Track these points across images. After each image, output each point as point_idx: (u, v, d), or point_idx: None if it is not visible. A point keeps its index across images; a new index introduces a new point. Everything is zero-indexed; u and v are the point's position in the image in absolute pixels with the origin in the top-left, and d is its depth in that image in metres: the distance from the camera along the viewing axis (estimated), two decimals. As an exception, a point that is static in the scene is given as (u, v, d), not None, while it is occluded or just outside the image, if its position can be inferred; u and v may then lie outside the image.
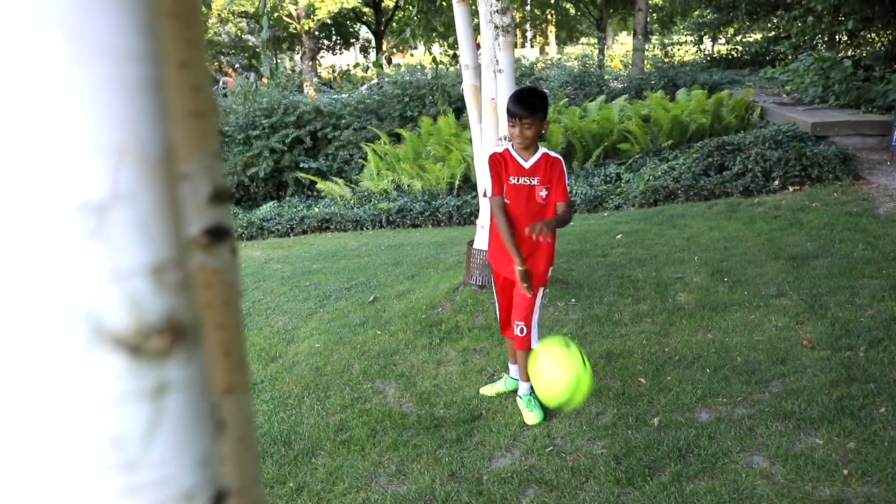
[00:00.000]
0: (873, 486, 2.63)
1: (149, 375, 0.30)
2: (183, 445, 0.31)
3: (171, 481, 0.31)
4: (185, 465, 0.31)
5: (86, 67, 0.28)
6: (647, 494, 2.71)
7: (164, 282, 0.31)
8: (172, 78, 0.47)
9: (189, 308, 0.32)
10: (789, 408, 3.22)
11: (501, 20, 4.89)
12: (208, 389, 0.33)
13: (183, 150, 0.48)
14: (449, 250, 6.71)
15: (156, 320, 0.31)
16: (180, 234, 0.33)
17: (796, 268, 5.05)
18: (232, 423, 0.50)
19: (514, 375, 3.68)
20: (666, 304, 4.65)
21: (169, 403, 0.31)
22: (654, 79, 13.63)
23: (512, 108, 3.15)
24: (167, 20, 0.45)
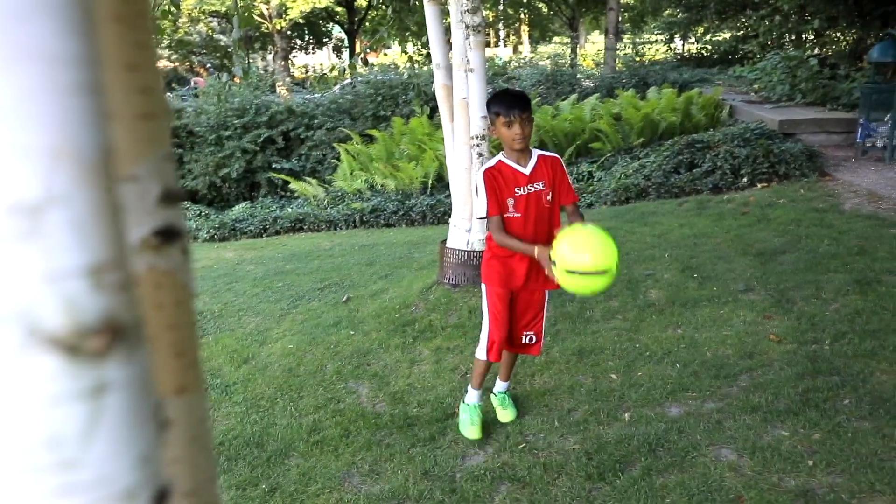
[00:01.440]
0: (837, 476, 2.68)
1: (87, 375, 0.31)
2: (123, 444, 0.32)
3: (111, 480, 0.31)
4: (124, 464, 0.32)
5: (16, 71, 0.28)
6: (618, 489, 2.74)
7: (103, 283, 0.31)
8: (119, 81, 0.47)
9: (129, 308, 0.33)
10: (757, 401, 3.28)
11: (472, 19, 4.90)
12: (150, 389, 0.34)
13: (131, 153, 0.48)
14: (423, 249, 6.72)
15: (93, 321, 0.31)
16: (120, 235, 0.34)
17: (764, 263, 5.13)
18: (184, 423, 0.50)
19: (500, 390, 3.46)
20: (637, 301, 4.69)
21: (108, 403, 0.31)
22: (626, 78, 13.75)
23: (506, 108, 2.89)
24: (112, 23, 0.45)
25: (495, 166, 2.99)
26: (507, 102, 2.92)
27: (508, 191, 2.96)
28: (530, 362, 3.91)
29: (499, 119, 2.93)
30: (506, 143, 2.97)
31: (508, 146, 2.97)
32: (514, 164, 2.98)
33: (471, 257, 5.12)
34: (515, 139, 2.91)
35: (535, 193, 2.97)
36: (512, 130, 2.90)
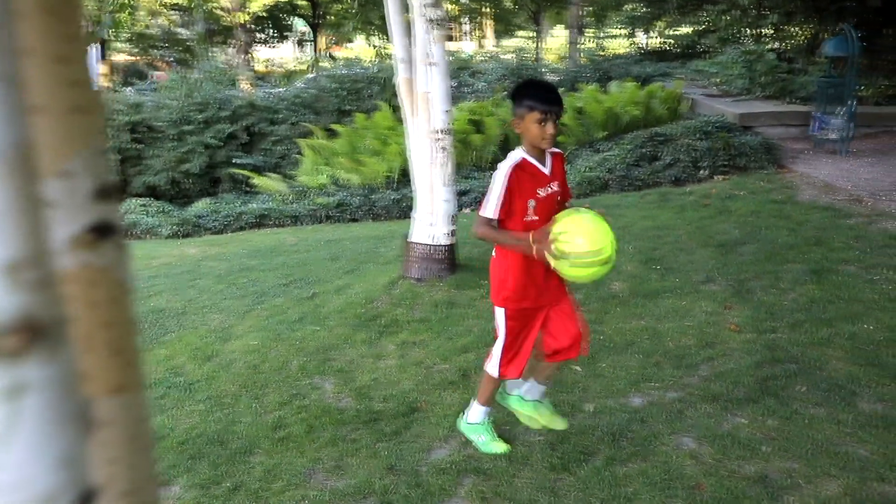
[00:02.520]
0: (793, 461, 2.74)
1: (4, 376, 0.30)
2: (43, 446, 0.31)
3: (31, 483, 0.30)
4: (45, 467, 0.31)
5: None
6: (582, 479, 2.76)
7: (19, 281, 0.31)
8: (47, 73, 0.46)
9: (50, 307, 0.32)
10: (717, 390, 3.33)
11: (434, 13, 4.89)
12: (74, 389, 0.33)
13: (62, 147, 0.47)
14: (388, 244, 6.70)
15: (9, 320, 0.30)
16: (40, 232, 0.33)
17: (724, 254, 5.22)
18: (122, 422, 0.49)
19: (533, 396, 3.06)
20: (600, 293, 4.74)
21: (27, 404, 0.31)
22: (589, 72, 13.85)
23: (543, 104, 2.63)
24: (40, 14, 0.44)
25: (520, 163, 2.70)
26: (544, 97, 2.66)
27: (531, 192, 2.69)
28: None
29: (531, 114, 2.65)
30: (531, 139, 2.69)
31: (534, 143, 2.70)
32: (536, 162, 2.73)
33: (435, 251, 5.13)
34: (546, 138, 2.66)
35: (552, 194, 2.76)
36: (544, 128, 2.64)
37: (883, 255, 4.95)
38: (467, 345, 4.10)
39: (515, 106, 2.73)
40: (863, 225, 5.69)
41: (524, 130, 2.70)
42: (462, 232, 6.33)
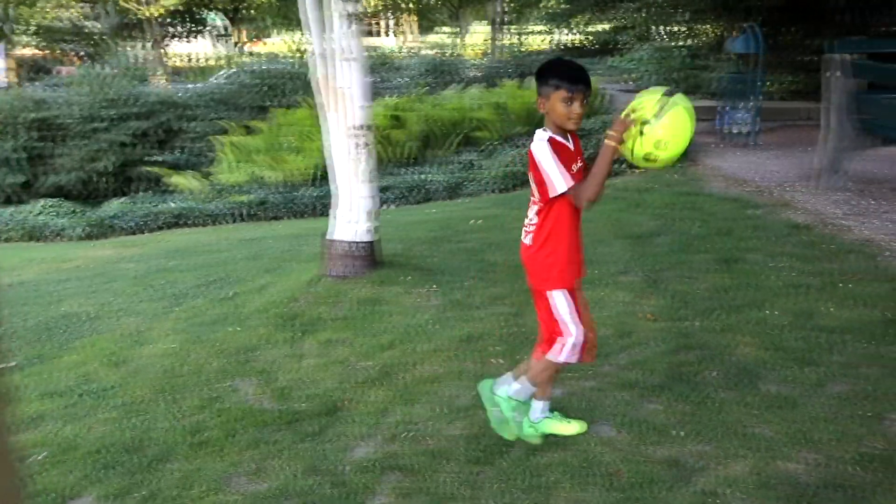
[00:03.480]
0: (705, 444, 2.85)
1: None
2: None
3: None
4: None
5: None
6: (503, 470, 2.80)
7: None
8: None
9: None
10: (632, 378, 3.43)
11: (350, 8, 4.85)
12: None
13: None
14: (310, 242, 6.61)
15: None
16: None
17: (639, 246, 5.37)
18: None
19: None
20: (521, 286, 4.77)
21: None
22: (509, 67, 14.00)
23: (571, 83, 2.58)
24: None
25: (551, 140, 2.64)
26: (571, 76, 2.61)
27: (568, 167, 2.63)
28: (419, 351, 3.93)
29: (557, 93, 2.59)
30: (558, 119, 2.63)
31: (560, 124, 2.64)
32: (563, 140, 2.68)
33: (358, 248, 5.09)
34: (572, 118, 2.62)
35: (580, 170, 2.71)
36: (571, 108, 2.59)
37: (786, 244, 5.19)
38: (391, 341, 4.10)
39: (541, 85, 2.67)
40: (768, 215, 5.96)
41: (550, 110, 2.65)
42: (386, 228, 6.31)
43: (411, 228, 6.75)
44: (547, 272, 2.78)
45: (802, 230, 5.53)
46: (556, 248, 2.75)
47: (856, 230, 5.40)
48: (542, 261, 2.78)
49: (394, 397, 3.47)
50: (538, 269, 2.81)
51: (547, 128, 2.70)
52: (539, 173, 2.66)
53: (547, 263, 2.77)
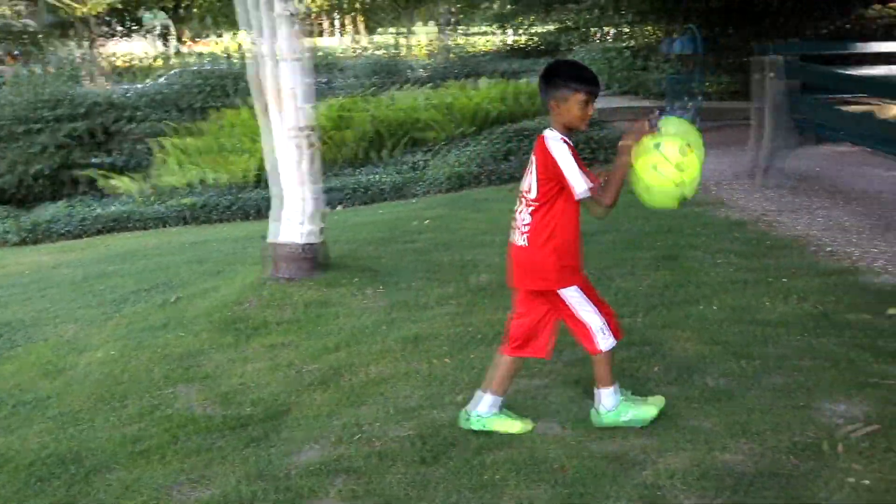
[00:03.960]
0: (647, 438, 2.90)
1: None
2: None
3: None
4: None
5: None
6: (451, 470, 2.81)
7: None
8: None
9: None
10: (579, 374, 3.47)
11: (291, 7, 4.81)
12: None
13: None
14: (257, 244, 6.50)
15: None
16: None
17: (585, 244, 5.32)
18: None
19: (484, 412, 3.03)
20: (469, 286, 4.83)
21: None
22: (457, 68, 14.05)
23: (590, 87, 2.66)
24: None
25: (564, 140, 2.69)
26: (590, 79, 2.69)
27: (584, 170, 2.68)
28: (367, 353, 3.92)
29: (576, 95, 2.64)
30: (572, 121, 2.70)
31: (573, 126, 2.71)
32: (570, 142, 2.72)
33: (305, 250, 5.05)
34: (585, 120, 2.70)
35: None
36: (586, 110, 2.67)
37: (726, 240, 5.33)
38: (338, 343, 4.08)
39: (555, 87, 2.68)
40: (708, 213, 6.11)
41: (564, 111, 2.67)
42: (333, 229, 6.28)
43: (358, 229, 6.73)
44: (557, 272, 2.81)
45: (741, 227, 5.69)
46: (563, 247, 2.78)
47: (790, 226, 5.57)
48: (547, 261, 2.79)
49: (341, 400, 3.45)
50: (540, 268, 2.82)
51: (554, 128, 2.72)
52: (547, 173, 2.68)
53: (554, 263, 2.79)
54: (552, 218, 2.76)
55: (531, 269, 2.86)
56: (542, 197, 2.74)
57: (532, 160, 2.79)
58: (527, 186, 2.82)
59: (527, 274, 2.88)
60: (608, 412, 2.98)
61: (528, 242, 2.82)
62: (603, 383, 2.97)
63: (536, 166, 2.74)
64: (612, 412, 2.97)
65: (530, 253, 2.83)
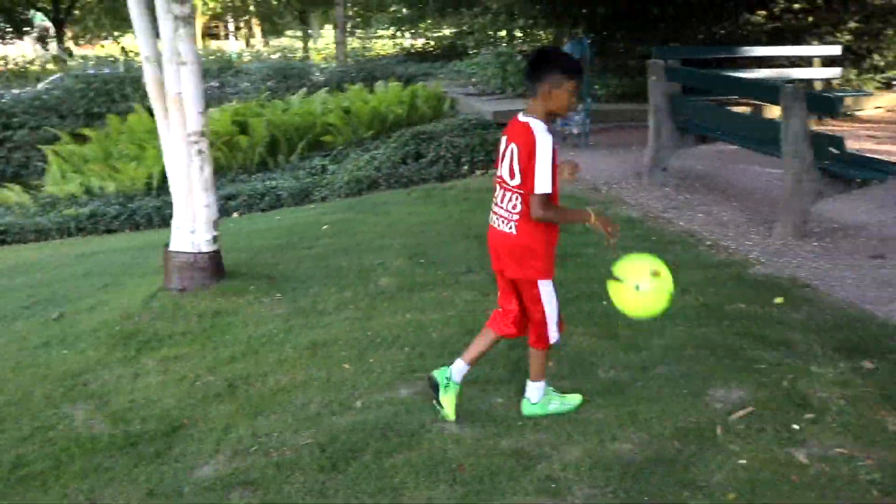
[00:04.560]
0: (542, 432, 2.98)
1: None
2: None
3: None
4: None
5: None
6: (350, 476, 2.80)
7: None
8: None
9: None
10: (476, 374, 3.51)
11: (181, 10, 4.67)
12: None
13: None
14: (148, 255, 6.30)
15: None
16: None
17: (482, 245, 5.47)
18: None
19: None
20: (369, 290, 4.82)
21: None
22: (354, 72, 13.97)
23: (579, 75, 2.75)
24: None
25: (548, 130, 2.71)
26: (581, 70, 2.78)
27: (556, 159, 2.73)
28: (264, 362, 3.85)
29: (569, 83, 2.70)
30: (558, 108, 2.75)
31: (560, 112, 2.78)
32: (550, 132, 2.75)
33: (198, 260, 4.91)
34: (570, 106, 2.77)
35: None
36: (573, 97, 2.75)
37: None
38: (234, 354, 3.98)
39: (548, 74, 2.70)
40: (600, 210, 6.29)
41: (555, 98, 2.71)
42: (231, 237, 6.13)
43: (257, 236, 6.59)
44: (538, 262, 2.86)
45: (630, 224, 5.91)
46: (547, 238, 2.85)
47: (675, 222, 5.84)
48: (532, 250, 2.84)
49: (238, 411, 3.38)
50: (527, 258, 2.86)
51: (537, 117, 2.73)
52: (531, 163, 2.67)
53: (538, 253, 2.85)
54: None
55: (520, 257, 2.87)
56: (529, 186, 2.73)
57: (512, 147, 2.76)
58: (508, 174, 2.81)
59: (515, 262, 2.89)
60: (534, 404, 3.12)
61: (516, 230, 2.84)
62: (536, 377, 3.11)
63: (519, 154, 2.72)
64: (539, 404, 3.12)
65: (515, 240, 2.85)
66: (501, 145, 2.85)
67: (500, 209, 2.88)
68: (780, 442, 2.78)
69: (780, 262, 4.75)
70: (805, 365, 3.34)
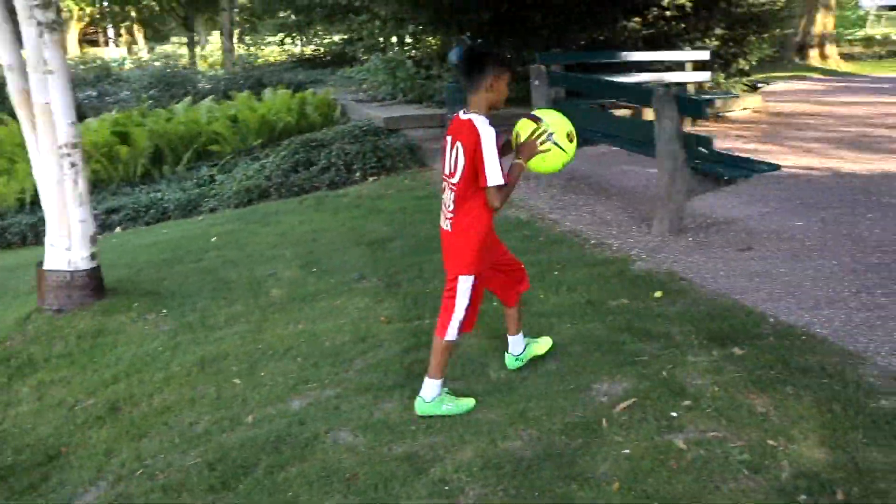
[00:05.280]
0: (435, 435, 3.01)
1: None
2: None
3: None
4: None
5: None
6: (242, 493, 2.74)
7: None
8: None
9: None
10: (370, 381, 3.52)
11: (45, 15, 4.44)
12: None
13: None
14: (21, 275, 5.94)
15: None
16: None
17: (375, 251, 5.53)
18: None
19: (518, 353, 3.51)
20: (260, 302, 4.73)
21: None
22: (242, 79, 13.67)
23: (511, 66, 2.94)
24: None
25: None
26: (511, 62, 2.97)
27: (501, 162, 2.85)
28: (149, 381, 3.71)
29: (505, 76, 2.87)
30: (496, 101, 2.89)
31: (497, 104, 2.90)
32: None
33: (75, 278, 4.68)
34: (501, 102, 2.91)
35: None
36: (507, 88, 2.90)
37: (509, 239, 5.56)
38: (117, 375, 3.82)
39: (488, 69, 2.83)
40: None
41: (496, 91, 2.86)
42: (112, 252, 5.87)
43: (142, 251, 6.34)
44: (464, 257, 2.97)
45: (520, 225, 6.05)
46: (476, 238, 2.95)
47: (562, 223, 6.02)
48: (459, 247, 2.97)
49: (120, 435, 3.24)
50: (455, 254, 3.00)
51: (479, 112, 2.86)
52: (475, 158, 2.80)
53: (464, 250, 2.96)
54: (474, 206, 2.90)
55: (454, 254, 3.01)
56: (468, 182, 2.86)
57: (457, 145, 2.87)
58: (450, 170, 2.92)
59: (450, 259, 3.03)
60: (427, 403, 3.13)
61: (451, 228, 2.97)
62: (433, 373, 3.14)
63: (465, 151, 2.83)
64: (432, 403, 3.13)
65: (453, 238, 2.98)
66: (447, 145, 2.96)
67: (444, 207, 3.03)
68: (660, 430, 2.92)
69: (659, 258, 4.98)
70: (682, 355, 3.51)
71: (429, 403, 3.15)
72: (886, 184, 6.77)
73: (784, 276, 4.50)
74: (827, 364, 3.34)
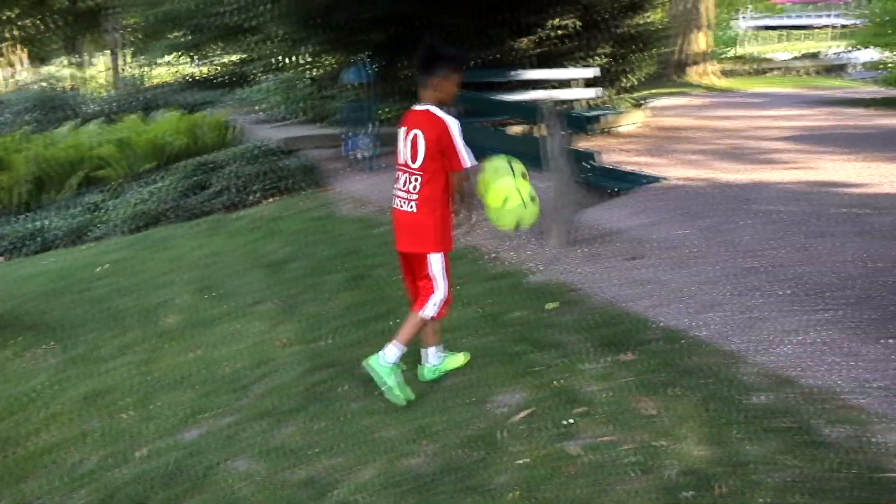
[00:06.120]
0: (337, 457, 3.00)
1: None
2: None
3: None
4: None
5: None
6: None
7: None
8: None
9: None
10: (268, 406, 3.47)
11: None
12: None
13: None
14: None
15: None
16: None
17: (274, 274, 5.45)
18: None
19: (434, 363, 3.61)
20: (153, 330, 4.58)
21: None
22: (131, 101, 13.21)
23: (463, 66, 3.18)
24: None
25: None
26: (465, 62, 3.24)
27: None
28: (34, 419, 3.53)
29: (455, 75, 3.14)
30: (447, 98, 3.16)
31: (447, 101, 3.16)
32: None
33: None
34: (452, 97, 3.18)
35: None
36: (456, 88, 3.18)
37: (406, 257, 5.68)
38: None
39: (438, 68, 3.12)
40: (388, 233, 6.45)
41: (445, 88, 3.14)
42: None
43: (23, 283, 6.02)
44: (434, 236, 3.20)
45: (419, 243, 6.10)
46: (444, 215, 3.19)
47: (461, 238, 6.11)
48: (431, 226, 3.18)
49: (2, 477, 3.07)
50: (424, 233, 3.20)
51: (428, 104, 3.14)
52: (440, 145, 3.08)
53: (435, 228, 3.18)
54: (438, 189, 3.15)
55: (418, 234, 3.22)
56: (430, 167, 3.12)
57: (416, 134, 3.14)
58: (408, 158, 3.18)
59: (414, 237, 3.24)
60: (382, 364, 3.29)
61: (416, 209, 3.19)
62: (400, 339, 3.28)
63: (426, 139, 3.10)
64: (387, 367, 3.28)
65: (417, 218, 3.20)
66: (401, 135, 3.21)
67: (402, 191, 3.23)
68: (555, 438, 3.01)
69: (553, 270, 5.13)
70: (575, 363, 3.64)
71: (383, 366, 3.28)
72: (759, 192, 7.23)
73: (670, 283, 4.73)
74: (706, 365, 3.53)
